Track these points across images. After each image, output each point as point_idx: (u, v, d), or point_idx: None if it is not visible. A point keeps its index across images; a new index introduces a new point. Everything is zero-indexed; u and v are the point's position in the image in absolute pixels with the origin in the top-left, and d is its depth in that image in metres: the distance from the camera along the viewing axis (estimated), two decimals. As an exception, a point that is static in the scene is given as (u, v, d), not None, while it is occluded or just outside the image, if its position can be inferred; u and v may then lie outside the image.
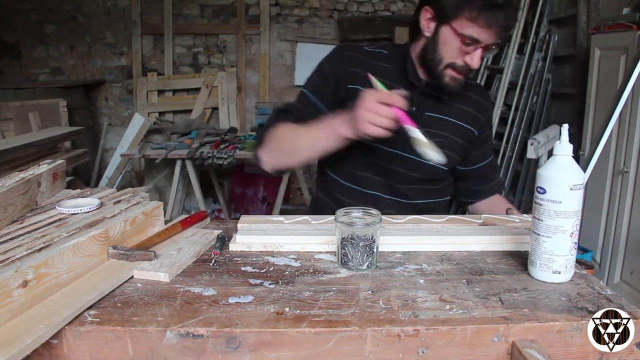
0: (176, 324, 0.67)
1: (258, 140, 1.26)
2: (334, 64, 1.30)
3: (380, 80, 1.05)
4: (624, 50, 2.47)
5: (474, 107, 1.31)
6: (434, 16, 1.17)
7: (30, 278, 0.67)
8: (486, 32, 1.10)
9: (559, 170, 0.79)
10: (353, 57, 1.30)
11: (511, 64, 3.63)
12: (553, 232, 0.79)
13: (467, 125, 1.30)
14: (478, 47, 1.12)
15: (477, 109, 1.32)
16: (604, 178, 2.59)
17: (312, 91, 1.29)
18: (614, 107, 1.63)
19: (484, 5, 1.07)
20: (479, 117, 1.32)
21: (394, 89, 1.26)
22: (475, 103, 1.32)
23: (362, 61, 1.29)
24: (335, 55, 1.32)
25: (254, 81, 4.58)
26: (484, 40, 1.11)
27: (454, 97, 1.29)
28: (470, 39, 1.11)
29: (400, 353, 0.67)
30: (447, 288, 0.79)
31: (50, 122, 3.36)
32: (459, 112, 1.29)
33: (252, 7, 4.45)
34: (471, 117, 1.31)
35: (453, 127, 1.28)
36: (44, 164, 1.08)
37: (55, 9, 4.41)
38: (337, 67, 1.29)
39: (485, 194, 1.40)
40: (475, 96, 1.32)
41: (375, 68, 1.28)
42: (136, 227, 0.93)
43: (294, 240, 0.95)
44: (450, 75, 1.19)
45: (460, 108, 1.30)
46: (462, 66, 1.16)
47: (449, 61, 1.17)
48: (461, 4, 1.10)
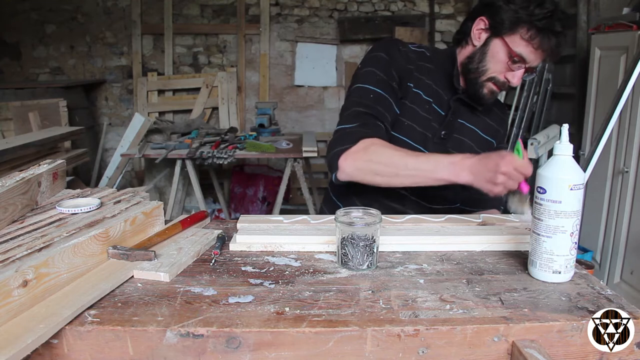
0: (176, 323, 0.67)
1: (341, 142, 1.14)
2: (395, 58, 1.23)
3: (519, 149, 1.03)
4: (624, 50, 2.47)
5: (496, 121, 1.36)
6: (488, 27, 1.18)
7: (30, 278, 0.67)
8: (536, 54, 1.13)
9: (559, 170, 0.79)
10: (406, 53, 1.25)
11: (511, 64, 3.63)
12: (553, 232, 0.79)
13: (489, 137, 1.34)
14: (523, 66, 1.15)
15: (498, 122, 1.37)
16: (604, 178, 2.59)
17: (379, 87, 1.19)
18: (614, 107, 1.63)
19: (542, 28, 1.09)
20: (499, 130, 1.37)
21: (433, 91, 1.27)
22: (497, 117, 1.37)
23: (412, 59, 1.26)
24: (392, 50, 1.24)
25: (254, 81, 4.58)
26: (531, 61, 1.14)
27: (484, 110, 1.33)
28: (519, 57, 1.14)
29: (400, 353, 0.67)
30: (447, 288, 0.79)
31: (50, 122, 3.36)
32: (485, 124, 1.34)
33: (252, 7, 4.44)
34: (493, 130, 1.35)
35: (478, 138, 1.32)
36: (44, 164, 1.08)
37: (55, 9, 4.41)
38: (398, 63, 1.23)
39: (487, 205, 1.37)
40: (496, 110, 1.38)
41: (422, 68, 1.27)
42: (136, 227, 0.93)
43: (294, 240, 0.95)
44: (489, 87, 1.21)
45: (485, 120, 1.34)
46: (503, 82, 1.19)
47: (492, 74, 1.19)
48: (520, 22, 1.11)
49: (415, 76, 1.25)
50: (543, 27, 1.09)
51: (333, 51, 4.50)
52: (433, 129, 1.27)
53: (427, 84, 1.26)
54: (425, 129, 1.26)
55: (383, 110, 1.18)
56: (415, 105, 1.26)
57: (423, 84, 1.26)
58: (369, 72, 1.21)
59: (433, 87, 1.27)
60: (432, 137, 1.27)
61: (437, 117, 1.27)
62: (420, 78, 1.27)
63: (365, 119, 1.16)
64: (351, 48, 4.48)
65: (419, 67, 1.26)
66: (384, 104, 1.18)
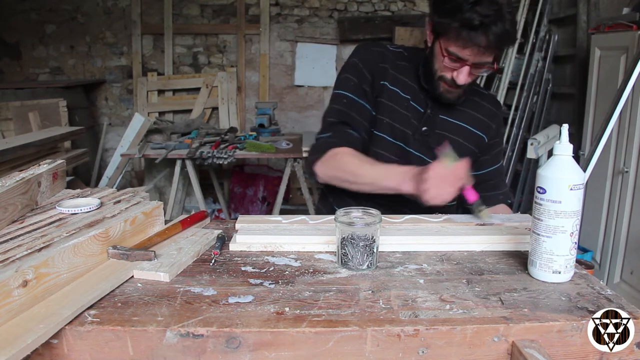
0: (176, 323, 0.67)
1: (315, 152, 1.27)
2: (366, 60, 1.29)
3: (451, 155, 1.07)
4: (624, 50, 2.47)
5: (486, 114, 1.34)
6: (432, 29, 1.20)
7: (30, 278, 0.67)
8: (467, 51, 1.12)
9: (559, 170, 0.79)
10: (381, 52, 1.30)
11: (511, 64, 3.63)
12: (553, 232, 0.79)
13: (478, 131, 1.33)
14: (464, 64, 1.14)
15: (489, 117, 1.35)
16: (604, 178, 2.59)
17: (353, 92, 1.28)
18: (614, 107, 1.63)
19: (462, 26, 1.08)
20: (490, 125, 1.35)
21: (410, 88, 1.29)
22: (488, 111, 1.35)
23: (388, 58, 1.30)
24: (365, 52, 1.31)
25: (254, 81, 4.58)
26: (468, 58, 1.13)
27: (468, 104, 1.32)
28: (454, 56, 1.14)
29: (400, 353, 0.67)
30: (447, 288, 0.79)
31: (50, 122, 3.36)
32: (471, 118, 1.32)
33: (252, 7, 4.44)
34: (483, 124, 1.34)
35: (465, 131, 1.31)
36: (44, 164, 1.08)
37: (55, 9, 4.41)
38: (370, 64, 1.29)
39: (490, 202, 1.39)
40: (488, 105, 1.36)
41: (399, 66, 1.30)
42: (136, 227, 0.93)
43: (294, 240, 0.95)
44: (443, 87, 1.22)
45: (473, 114, 1.33)
46: (451, 80, 1.19)
47: (440, 74, 1.20)
48: (444, 23, 1.12)
49: (392, 74, 1.29)
50: (462, 25, 1.08)
51: (333, 51, 4.50)
52: (413, 126, 1.28)
53: (404, 82, 1.29)
54: (405, 126, 1.28)
55: (356, 115, 1.26)
56: (393, 103, 1.28)
57: (400, 82, 1.29)
58: (345, 79, 1.29)
59: (410, 85, 1.29)
60: (412, 133, 1.28)
61: (416, 113, 1.28)
62: (397, 76, 1.29)
63: (337, 128, 1.26)
64: (351, 48, 4.42)
65: (397, 65, 1.30)
66: (357, 109, 1.27)
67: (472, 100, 1.33)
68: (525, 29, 3.61)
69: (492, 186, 1.39)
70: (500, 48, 1.14)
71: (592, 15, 3.06)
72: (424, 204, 1.06)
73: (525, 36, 3.61)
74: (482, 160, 1.37)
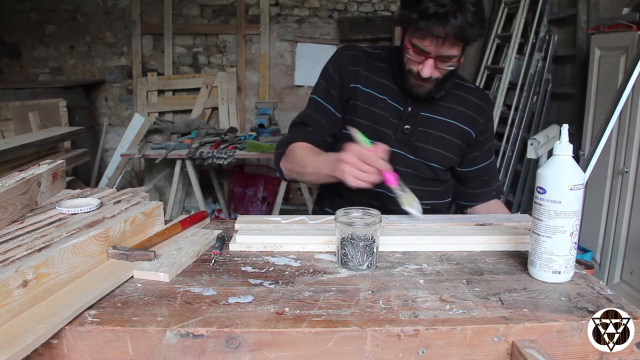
0: (176, 324, 0.67)
1: (279, 151, 1.33)
2: (337, 65, 1.33)
3: (363, 134, 1.08)
4: (624, 50, 2.47)
5: (473, 109, 1.32)
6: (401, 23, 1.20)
7: (30, 278, 0.67)
8: (426, 42, 1.12)
9: (559, 170, 0.79)
10: (354, 56, 1.33)
11: (511, 64, 3.63)
12: (553, 232, 0.79)
13: (464, 126, 1.31)
14: (428, 57, 1.14)
15: (476, 111, 1.33)
16: (604, 178, 2.59)
17: (321, 96, 1.33)
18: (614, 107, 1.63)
19: (420, 17, 1.09)
20: (477, 119, 1.33)
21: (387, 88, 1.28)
22: (474, 105, 1.33)
23: (363, 60, 1.32)
24: (337, 57, 1.35)
25: (254, 81, 4.58)
26: (429, 50, 1.13)
27: (453, 99, 1.31)
28: (416, 48, 1.14)
29: (400, 353, 0.67)
30: (447, 288, 0.79)
31: (50, 122, 3.36)
32: (456, 113, 1.31)
33: (252, 7, 4.45)
34: (469, 118, 1.32)
35: (449, 127, 1.30)
36: (44, 164, 1.08)
37: (55, 9, 4.41)
38: (340, 68, 1.32)
39: (484, 198, 1.40)
40: (474, 99, 1.33)
41: (374, 68, 1.31)
42: (136, 227, 0.93)
43: (294, 240, 0.95)
44: (412, 81, 1.22)
45: (457, 109, 1.31)
46: (417, 74, 1.18)
47: (408, 67, 1.20)
48: (406, 14, 1.12)
49: (365, 76, 1.30)
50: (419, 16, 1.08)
51: (333, 51, 4.50)
52: (393, 125, 1.28)
53: (379, 82, 1.29)
54: (385, 127, 1.28)
55: (320, 118, 1.32)
56: (369, 105, 1.29)
57: (374, 83, 1.29)
58: (317, 83, 1.36)
59: (387, 85, 1.29)
60: (393, 133, 1.28)
61: (396, 112, 1.28)
62: (372, 77, 1.30)
63: (298, 128, 1.34)
64: (351, 48, 4.48)
65: (372, 67, 1.31)
66: (322, 112, 1.33)
67: (458, 95, 1.31)
68: (525, 29, 3.61)
69: (484, 182, 1.39)
70: (461, 40, 1.11)
71: (592, 15, 3.06)
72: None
73: (525, 36, 3.61)
74: (473, 156, 1.36)
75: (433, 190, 1.34)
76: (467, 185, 1.41)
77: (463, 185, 1.41)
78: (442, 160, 1.31)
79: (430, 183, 1.33)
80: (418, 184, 1.31)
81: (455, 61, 1.16)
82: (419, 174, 1.31)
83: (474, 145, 1.34)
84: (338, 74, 1.32)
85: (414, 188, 1.31)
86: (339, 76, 1.31)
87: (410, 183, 1.30)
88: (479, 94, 1.36)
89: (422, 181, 1.31)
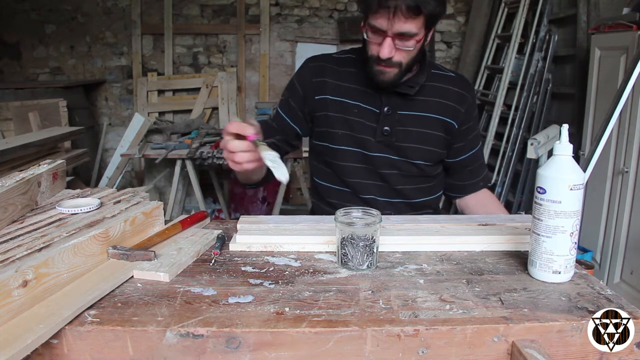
0: (176, 324, 0.67)
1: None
2: (301, 78, 1.34)
3: (236, 115, 1.11)
4: (624, 50, 2.47)
5: (453, 99, 1.30)
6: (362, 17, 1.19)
7: (30, 278, 0.67)
8: (380, 18, 1.09)
9: (559, 170, 0.79)
10: (319, 67, 1.33)
11: (511, 64, 3.63)
12: (553, 232, 0.79)
13: (445, 118, 1.29)
14: (385, 36, 1.11)
15: (457, 101, 1.30)
16: (604, 178, 2.59)
17: (281, 106, 1.37)
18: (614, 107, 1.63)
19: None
20: (459, 109, 1.30)
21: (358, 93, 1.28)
22: (455, 95, 1.30)
23: (329, 69, 1.32)
24: (302, 69, 1.36)
25: (254, 81, 4.58)
26: (385, 27, 1.10)
27: (430, 92, 1.28)
28: (373, 28, 1.12)
29: (400, 353, 0.67)
30: (447, 288, 0.79)
31: (50, 122, 3.35)
32: (435, 105, 1.28)
33: (252, 7, 4.44)
34: (450, 109, 1.29)
35: (429, 121, 1.28)
36: (44, 164, 1.08)
37: (55, 9, 4.41)
38: (304, 81, 1.33)
39: (471, 189, 1.40)
40: (455, 88, 1.30)
41: (342, 74, 1.30)
42: (136, 227, 0.93)
43: (294, 240, 0.95)
44: (375, 67, 1.18)
45: (436, 102, 1.28)
46: (377, 58, 1.16)
47: (370, 54, 1.18)
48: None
49: (333, 85, 1.29)
50: None
51: (333, 51, 4.50)
52: (371, 129, 1.27)
53: (349, 89, 1.28)
54: (362, 133, 1.27)
55: (277, 126, 1.36)
56: (342, 114, 1.28)
57: (344, 90, 1.29)
58: (283, 94, 1.39)
59: (358, 89, 1.28)
60: (372, 137, 1.27)
61: (372, 115, 1.27)
62: (341, 85, 1.29)
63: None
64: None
65: (340, 74, 1.30)
66: (279, 121, 1.36)
67: (436, 87, 1.28)
68: (525, 29, 3.61)
69: (470, 173, 1.38)
70: (414, 12, 1.07)
71: (592, 15, 3.06)
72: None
73: (525, 36, 3.61)
74: (457, 147, 1.34)
75: (423, 187, 1.34)
76: (453, 177, 1.40)
77: (449, 177, 1.40)
78: (427, 156, 1.29)
79: (419, 180, 1.32)
80: (407, 184, 1.30)
81: (417, 40, 1.12)
82: (406, 173, 1.29)
83: (457, 135, 1.31)
84: (302, 86, 1.33)
85: (403, 188, 1.31)
86: (302, 89, 1.32)
87: (398, 184, 1.30)
88: (460, 82, 1.33)
89: (410, 180, 1.31)
